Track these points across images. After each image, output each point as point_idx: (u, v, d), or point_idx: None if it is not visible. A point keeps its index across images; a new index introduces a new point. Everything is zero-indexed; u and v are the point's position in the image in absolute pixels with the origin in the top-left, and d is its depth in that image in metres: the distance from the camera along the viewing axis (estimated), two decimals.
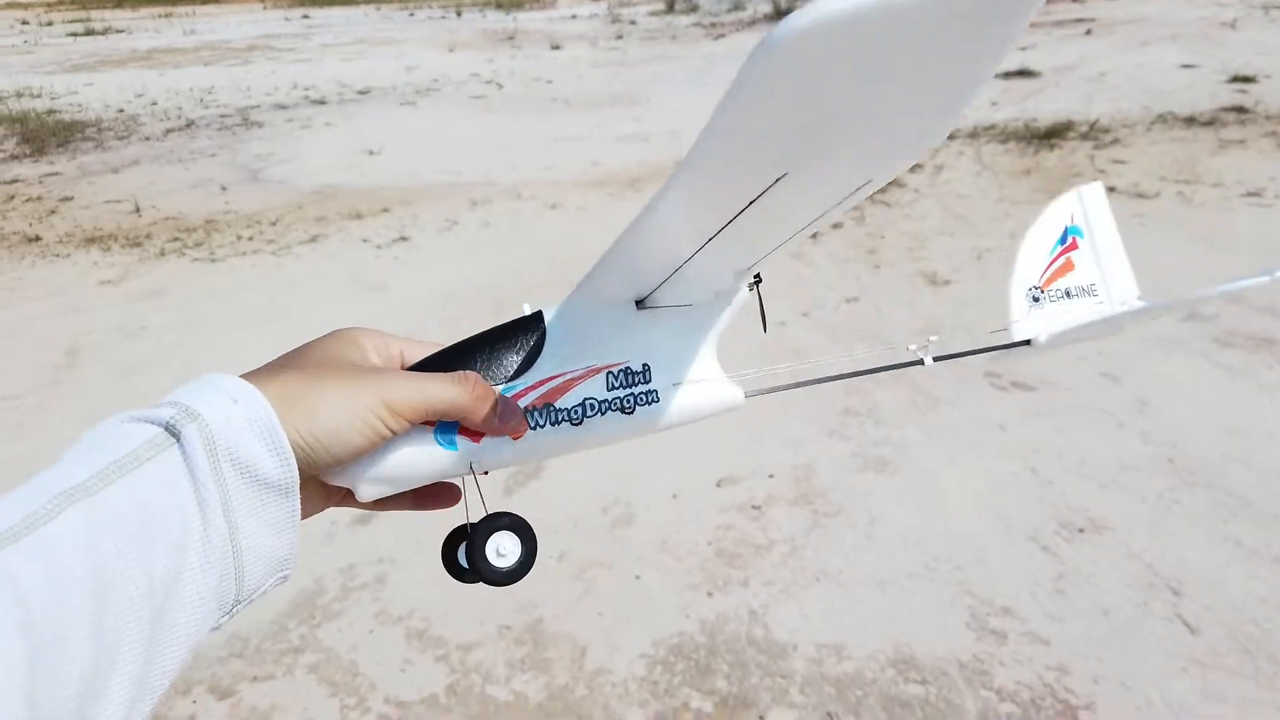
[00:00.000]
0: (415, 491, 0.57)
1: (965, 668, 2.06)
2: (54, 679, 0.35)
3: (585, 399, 0.56)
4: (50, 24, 24.25)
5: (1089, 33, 11.12)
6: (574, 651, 2.17)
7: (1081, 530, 2.48)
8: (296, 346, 0.54)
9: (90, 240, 5.37)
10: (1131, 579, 2.30)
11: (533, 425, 0.55)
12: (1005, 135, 6.49)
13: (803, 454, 2.90)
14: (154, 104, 10.07)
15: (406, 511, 0.60)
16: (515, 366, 0.55)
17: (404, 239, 5.15)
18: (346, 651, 2.21)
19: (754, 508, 2.65)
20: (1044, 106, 7.33)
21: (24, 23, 25.66)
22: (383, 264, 4.77)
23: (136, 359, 3.78)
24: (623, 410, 0.56)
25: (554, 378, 0.55)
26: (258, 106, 9.69)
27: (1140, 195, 5.05)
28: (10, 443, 3.18)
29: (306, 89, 10.70)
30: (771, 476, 2.79)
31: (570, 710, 2.01)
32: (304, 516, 0.50)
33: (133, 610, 0.39)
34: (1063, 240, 0.77)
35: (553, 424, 0.55)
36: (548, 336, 0.56)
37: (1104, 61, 9.06)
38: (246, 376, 0.48)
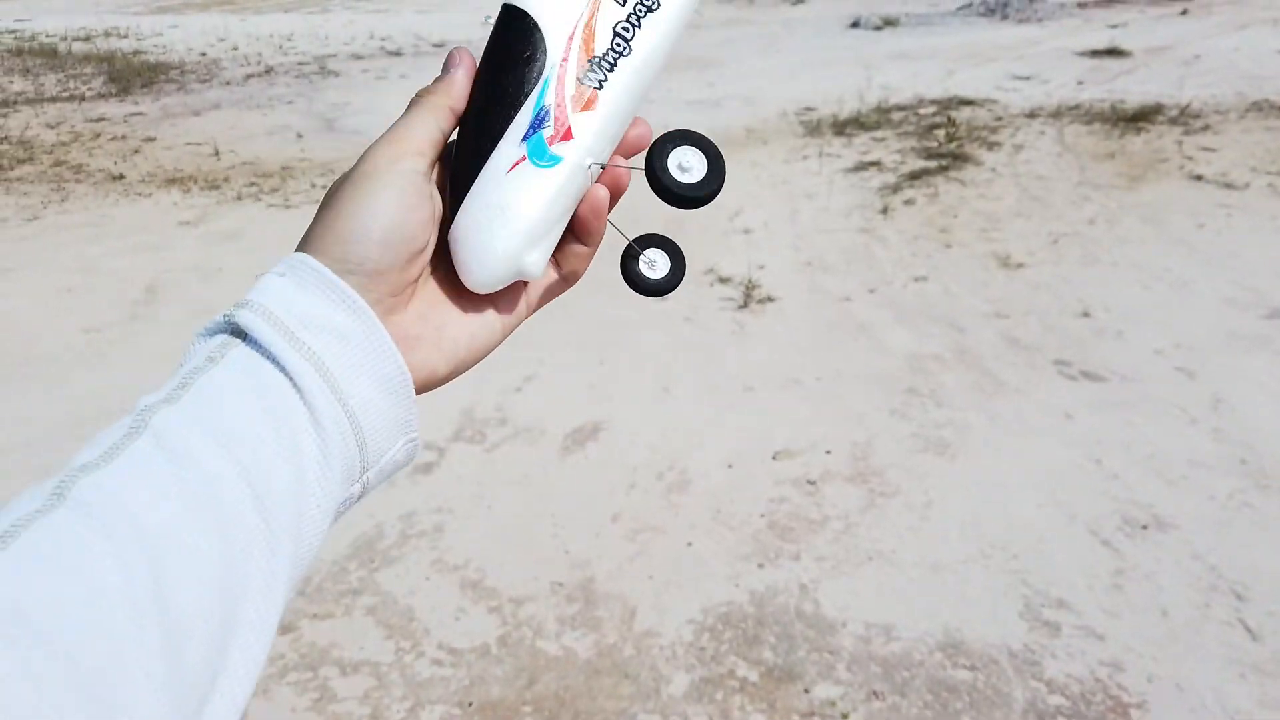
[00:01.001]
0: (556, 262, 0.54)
1: (1016, 657, 2.05)
2: (185, 587, 0.34)
3: (613, 27, 0.51)
4: None
5: (1185, 12, 10.67)
6: (624, 612, 2.21)
7: (1145, 527, 2.43)
8: None
9: (171, 181, 5.50)
10: (1194, 580, 2.25)
11: (597, 85, 0.50)
12: (1090, 116, 6.29)
13: (862, 431, 2.88)
14: (235, 49, 10.24)
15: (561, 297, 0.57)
16: (539, 66, 0.50)
17: None
18: (403, 596, 2.27)
19: (809, 483, 2.65)
20: (1133, 88, 7.07)
21: None
22: None
23: (213, 299, 3.88)
24: (649, 8, 0.51)
25: (572, 37, 0.50)
26: (335, 55, 9.79)
27: (1229, 185, 4.86)
28: (93, 372, 3.31)
29: (383, 40, 10.77)
30: (829, 453, 2.78)
31: (617, 669, 2.05)
32: (471, 353, 0.50)
33: (255, 497, 0.38)
34: None
35: (610, 69, 0.51)
36: (540, 23, 0.50)
37: (1199, 43, 8.69)
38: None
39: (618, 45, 0.51)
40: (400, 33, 11.26)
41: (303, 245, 0.46)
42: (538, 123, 0.49)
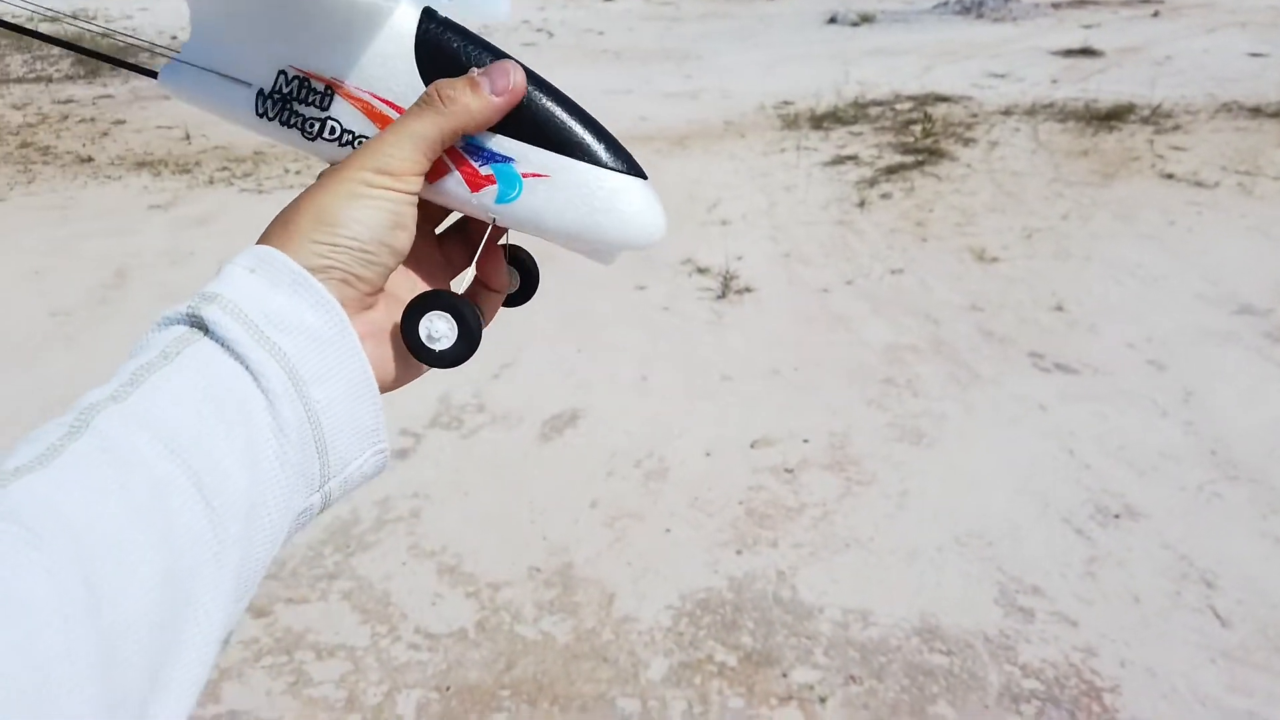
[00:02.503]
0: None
1: (991, 642, 2.06)
2: (124, 603, 0.32)
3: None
4: None
5: (1156, 14, 10.82)
6: (602, 597, 2.20)
7: (1117, 516, 2.46)
8: None
9: (141, 164, 5.42)
10: (1165, 568, 2.28)
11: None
12: (1064, 114, 6.36)
13: (839, 421, 2.89)
14: None
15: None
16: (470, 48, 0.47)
17: None
18: (379, 581, 2.25)
19: (787, 471, 2.65)
20: (1106, 87, 7.16)
21: None
22: None
23: (185, 283, 3.83)
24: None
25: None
26: None
27: (1199, 184, 4.93)
28: (61, 356, 3.25)
29: None
30: (806, 441, 2.79)
31: (596, 653, 2.04)
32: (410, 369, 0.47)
33: (207, 504, 0.36)
34: None
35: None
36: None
37: (1170, 45, 8.81)
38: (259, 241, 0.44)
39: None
40: None
41: (272, 239, 0.43)
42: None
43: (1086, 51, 8.50)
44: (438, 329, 0.46)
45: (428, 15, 0.47)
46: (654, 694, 1.94)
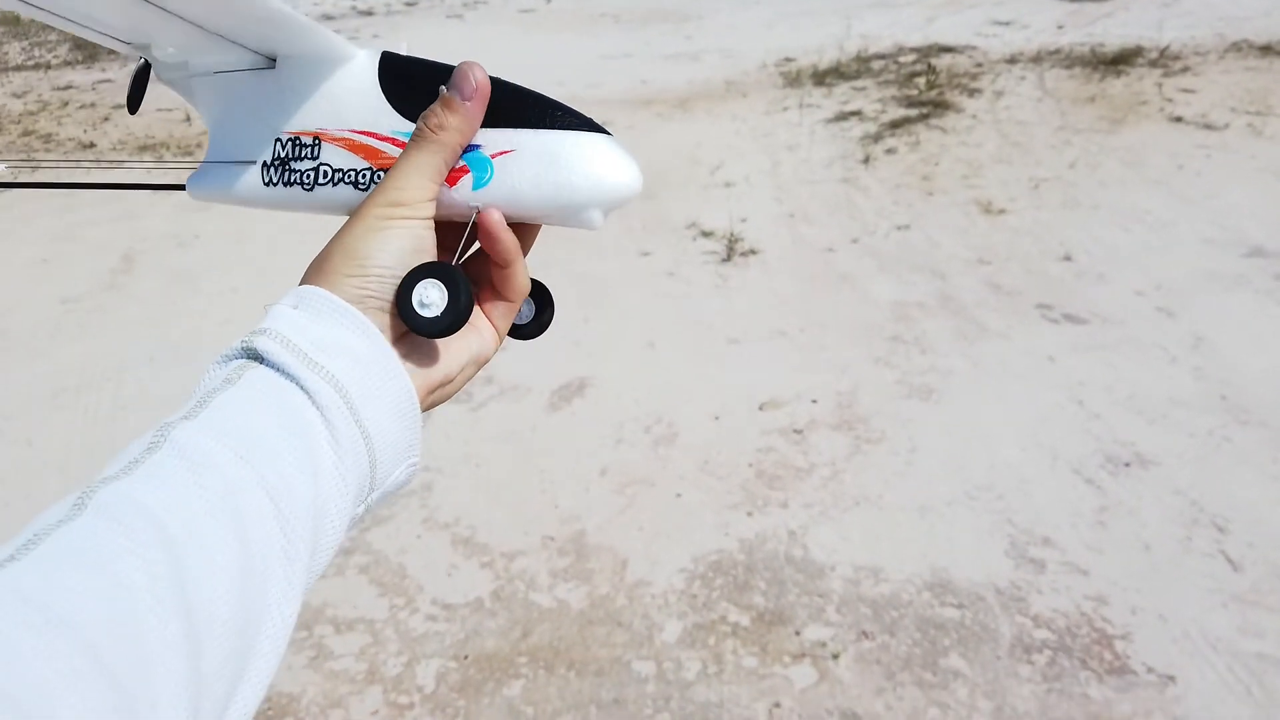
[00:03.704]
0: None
1: (1002, 594, 2.08)
2: (205, 586, 0.35)
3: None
4: None
5: None
6: (615, 563, 2.22)
7: (1127, 464, 2.46)
8: None
9: (143, 148, 5.41)
10: (1176, 514, 2.29)
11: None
12: (1070, 60, 6.25)
13: (846, 380, 2.89)
14: None
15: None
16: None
17: None
18: (395, 555, 2.28)
19: (795, 431, 2.66)
20: (1113, 31, 7.03)
21: None
22: None
23: (191, 266, 3.85)
24: None
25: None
26: (305, 15, 9.61)
27: (1208, 126, 4.86)
28: (73, 343, 3.28)
29: None
30: (814, 402, 2.79)
31: (611, 619, 2.07)
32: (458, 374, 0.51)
33: (275, 507, 0.39)
34: None
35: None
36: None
37: None
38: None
39: None
40: None
41: (310, 279, 0.47)
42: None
43: None
44: (429, 296, 0.47)
45: (386, 56, 0.52)
46: (669, 656, 1.97)
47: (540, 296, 0.58)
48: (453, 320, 0.47)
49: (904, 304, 3.34)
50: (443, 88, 0.49)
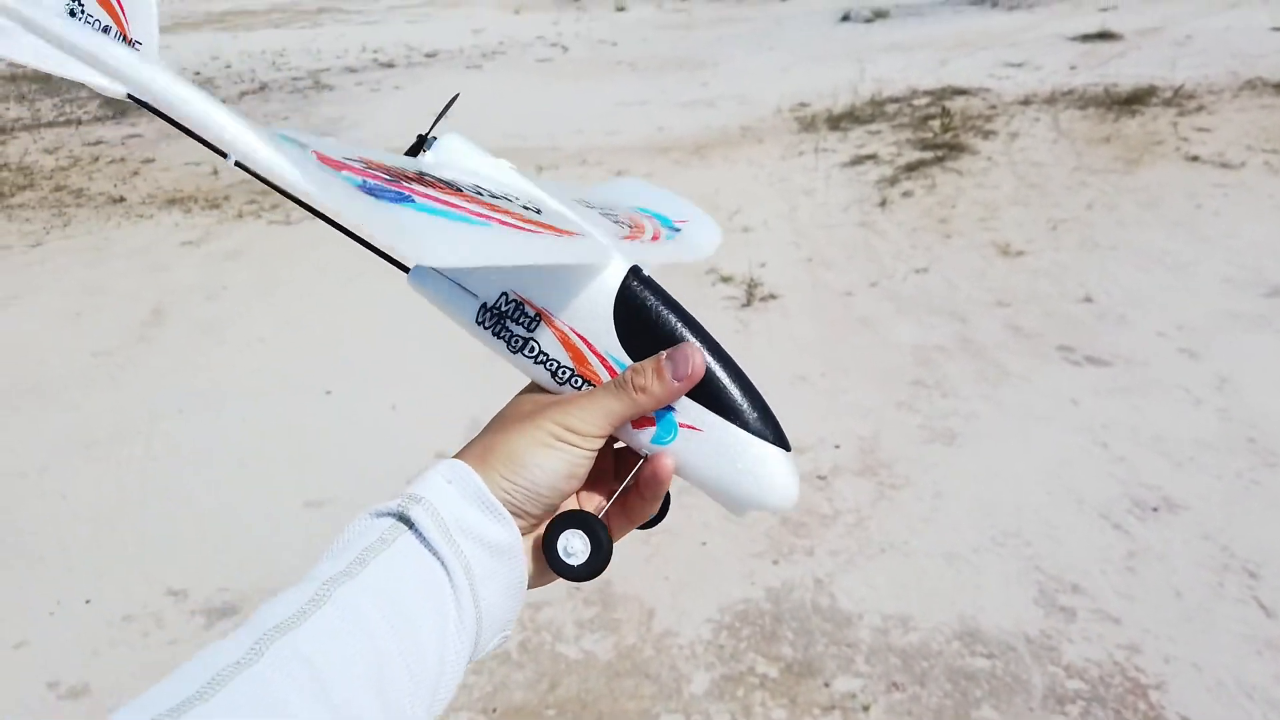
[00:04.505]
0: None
1: (1033, 643, 2.06)
2: None
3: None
4: None
5: None
6: (642, 614, 2.22)
7: (1155, 509, 2.45)
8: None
9: (171, 201, 5.53)
10: (1206, 560, 2.27)
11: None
12: (1084, 101, 6.30)
13: (869, 425, 2.89)
14: (228, 67, 10.27)
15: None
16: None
17: None
18: None
19: (819, 478, 2.66)
20: (1126, 70, 7.08)
21: None
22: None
23: (219, 317, 3.91)
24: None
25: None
26: (328, 69, 9.81)
27: (1225, 165, 4.87)
28: (105, 393, 3.33)
29: (375, 52, 10.80)
30: (837, 447, 2.79)
31: (638, 670, 2.07)
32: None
33: (409, 673, 0.44)
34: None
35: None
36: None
37: (1190, 23, 8.70)
38: (457, 455, 0.53)
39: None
40: (392, 44, 11.28)
41: (468, 458, 0.51)
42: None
43: (1104, 35, 8.41)
44: (573, 546, 0.51)
45: (632, 273, 0.55)
46: (697, 708, 1.96)
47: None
48: (590, 573, 0.51)
49: (924, 347, 3.35)
50: (663, 354, 0.52)
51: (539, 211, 0.55)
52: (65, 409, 3.26)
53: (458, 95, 0.62)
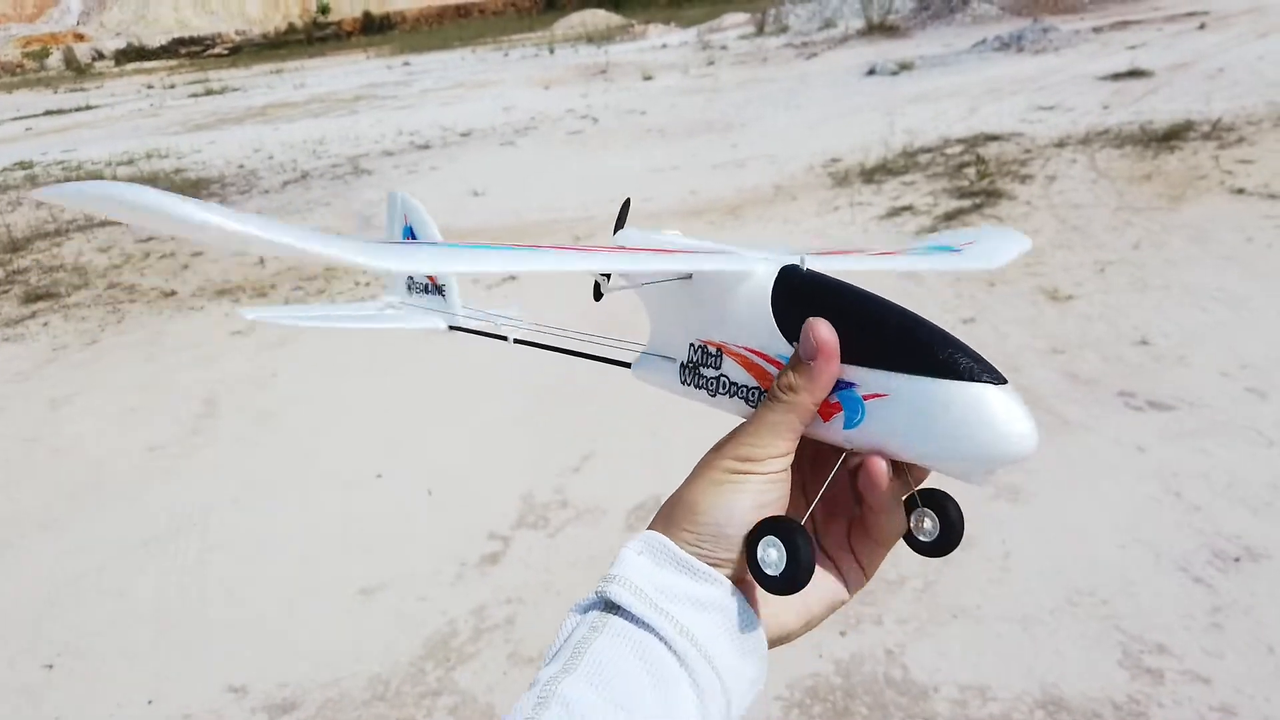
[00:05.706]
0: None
1: (1120, 709, 1.96)
2: None
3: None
4: (173, 86, 25.72)
5: (1203, 26, 10.64)
6: None
7: (1237, 559, 2.34)
8: None
9: (221, 292, 5.66)
10: None
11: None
12: (1120, 139, 6.25)
13: (928, 484, 2.82)
14: (270, 158, 10.60)
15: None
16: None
17: (512, 278, 5.27)
18: (482, 694, 2.25)
19: None
20: (1160, 106, 7.03)
21: (149, 87, 27.38)
22: (493, 302, 4.88)
23: (270, 405, 3.96)
24: None
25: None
26: (366, 154, 10.08)
27: (1272, 196, 4.78)
28: (161, 488, 3.37)
29: (411, 134, 11.09)
30: None
31: None
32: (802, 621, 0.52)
33: None
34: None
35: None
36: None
37: (1221, 56, 8.65)
38: (649, 527, 0.52)
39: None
40: (427, 126, 11.59)
41: (657, 524, 0.51)
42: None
43: (1135, 73, 8.38)
44: (769, 556, 0.47)
45: (784, 272, 0.52)
46: None
47: (944, 511, 0.52)
48: (787, 583, 0.47)
49: None
50: (795, 344, 0.49)
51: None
52: (124, 505, 3.30)
53: (629, 200, 0.69)
